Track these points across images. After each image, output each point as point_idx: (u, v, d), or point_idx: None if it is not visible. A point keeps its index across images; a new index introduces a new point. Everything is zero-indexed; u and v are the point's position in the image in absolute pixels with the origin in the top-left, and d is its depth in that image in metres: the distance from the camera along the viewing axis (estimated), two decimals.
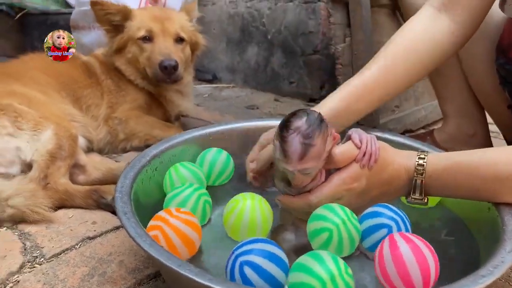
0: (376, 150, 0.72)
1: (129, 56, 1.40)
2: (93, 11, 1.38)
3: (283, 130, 0.67)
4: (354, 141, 0.74)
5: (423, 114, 1.81)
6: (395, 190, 0.76)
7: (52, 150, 1.02)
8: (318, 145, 0.67)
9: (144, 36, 1.37)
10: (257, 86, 2.44)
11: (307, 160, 0.67)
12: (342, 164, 0.73)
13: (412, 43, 0.90)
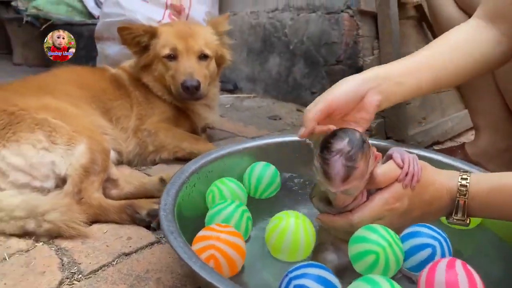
0: (418, 170, 0.72)
1: (155, 73, 1.43)
2: (120, 36, 1.39)
3: (324, 152, 0.66)
4: (395, 161, 0.73)
5: (450, 125, 1.79)
6: (436, 211, 0.75)
7: (86, 165, 1.02)
8: (361, 167, 0.66)
9: (168, 54, 1.39)
10: (278, 96, 2.44)
11: (350, 182, 0.66)
12: (384, 184, 0.72)
13: (457, 45, 0.87)
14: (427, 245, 0.69)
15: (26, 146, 1.01)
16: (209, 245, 0.65)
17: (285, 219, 0.72)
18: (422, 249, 0.69)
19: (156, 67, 1.42)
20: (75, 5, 2.80)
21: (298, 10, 2.24)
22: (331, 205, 0.74)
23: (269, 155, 0.99)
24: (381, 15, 1.39)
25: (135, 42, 1.41)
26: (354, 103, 0.80)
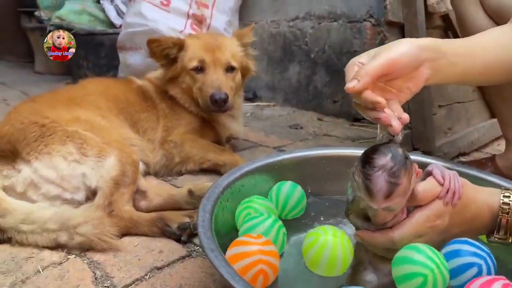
0: (459, 187, 0.71)
1: (183, 86, 1.43)
2: (149, 48, 1.40)
3: (366, 167, 0.65)
4: (436, 178, 0.72)
5: (475, 136, 1.76)
6: (476, 229, 0.74)
7: (116, 177, 1.03)
8: (404, 183, 0.65)
9: (196, 66, 1.40)
10: (298, 105, 2.43)
11: (392, 198, 0.65)
12: (425, 202, 0.71)
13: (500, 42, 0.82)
14: (472, 264, 0.68)
15: (58, 158, 1.02)
16: (255, 261, 0.65)
17: (324, 235, 0.71)
18: (468, 269, 0.68)
19: (183, 79, 1.43)
20: (97, 15, 2.84)
21: (319, 18, 2.24)
22: (369, 221, 0.73)
23: (300, 169, 0.98)
24: (408, 25, 1.38)
25: (163, 55, 1.42)
26: (411, 69, 0.73)
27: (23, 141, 1.02)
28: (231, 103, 1.38)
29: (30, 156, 1.01)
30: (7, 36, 4.12)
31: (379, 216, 0.69)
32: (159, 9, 2.22)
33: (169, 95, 1.45)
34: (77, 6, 2.82)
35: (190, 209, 1.09)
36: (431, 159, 0.99)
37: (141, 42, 2.18)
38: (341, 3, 2.12)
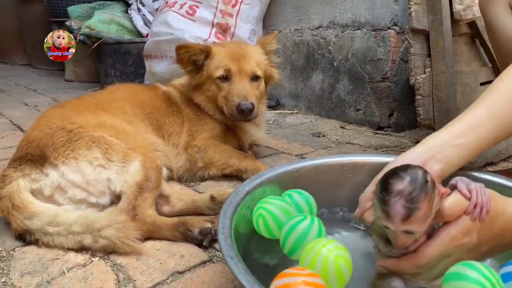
0: (487, 200, 0.68)
1: (208, 93, 1.45)
2: (177, 54, 1.41)
3: (384, 192, 0.64)
4: (462, 192, 0.69)
5: (504, 145, 1.71)
6: (507, 243, 0.71)
7: (140, 182, 1.05)
8: (424, 208, 0.63)
9: (222, 75, 1.41)
10: (321, 113, 2.42)
11: (411, 222, 0.63)
12: (452, 218, 0.68)
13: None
14: None
15: (84, 163, 1.05)
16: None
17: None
18: None
19: (208, 87, 1.44)
20: (125, 24, 2.91)
21: (343, 27, 2.23)
22: (391, 245, 0.71)
23: (319, 177, 0.98)
24: (434, 33, 1.36)
25: (190, 61, 1.43)
26: None
27: (51, 146, 1.05)
28: (256, 112, 1.39)
29: (57, 160, 1.04)
30: (39, 45, 4.26)
31: (400, 240, 0.67)
32: (184, 18, 2.27)
33: (194, 102, 1.47)
34: (106, 16, 2.90)
35: (211, 214, 1.10)
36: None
37: (166, 50, 2.23)
38: (365, 11, 2.11)
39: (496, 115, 0.81)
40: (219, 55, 1.43)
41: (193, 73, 1.46)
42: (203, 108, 1.47)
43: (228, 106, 1.40)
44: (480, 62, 1.68)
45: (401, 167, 0.66)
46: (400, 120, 2.09)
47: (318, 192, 0.96)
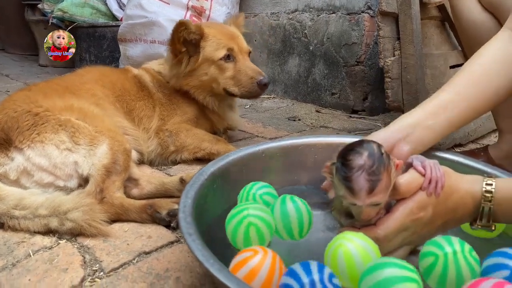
0: (441, 176, 0.70)
1: (204, 78, 1.43)
2: (175, 32, 1.37)
3: (345, 169, 0.66)
4: (417, 169, 0.71)
5: (472, 127, 1.75)
6: (460, 218, 0.73)
7: (108, 165, 1.05)
8: (384, 179, 0.65)
9: (225, 55, 1.40)
10: (297, 97, 2.43)
11: (375, 194, 0.65)
12: (408, 194, 0.70)
13: (493, 67, 0.86)
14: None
15: (50, 146, 1.04)
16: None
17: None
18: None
19: (205, 71, 1.42)
20: (99, 8, 2.85)
21: (318, 11, 2.24)
22: (352, 218, 0.73)
23: (286, 157, 0.99)
24: (402, 15, 1.37)
25: (185, 42, 1.39)
26: None
27: (16, 130, 1.04)
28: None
29: (23, 144, 1.03)
30: (11, 29, 4.16)
31: (365, 213, 0.68)
32: (158, 0, 2.23)
33: (166, 85, 1.46)
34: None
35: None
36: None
37: (141, 34, 2.21)
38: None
39: (465, 97, 0.84)
40: (214, 36, 1.42)
41: (184, 61, 1.42)
42: (192, 94, 1.45)
43: (244, 84, 1.41)
44: (450, 45, 1.71)
45: (356, 143, 0.68)
46: (374, 103, 2.12)
47: (284, 172, 0.98)
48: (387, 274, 0.56)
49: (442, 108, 0.83)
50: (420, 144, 0.82)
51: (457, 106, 0.83)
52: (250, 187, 0.86)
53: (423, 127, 0.82)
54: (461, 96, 0.83)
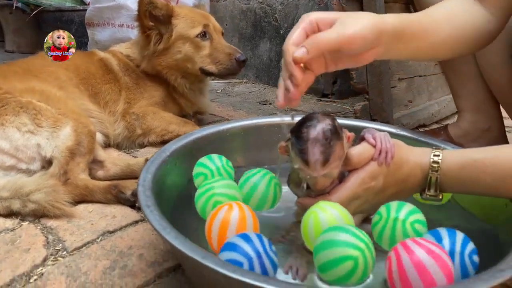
0: (391, 146, 0.73)
1: (178, 56, 1.42)
2: (140, 6, 1.35)
3: (300, 142, 0.68)
4: (368, 141, 0.75)
5: (436, 109, 1.81)
6: (410, 188, 0.77)
7: (72, 147, 1.04)
8: (337, 150, 0.68)
9: (201, 32, 1.40)
10: (269, 82, 2.45)
11: (329, 165, 0.68)
12: (359, 165, 0.73)
13: (452, 14, 0.86)
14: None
15: (11, 129, 1.02)
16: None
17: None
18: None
19: (179, 49, 1.41)
20: None
21: None
22: (309, 189, 0.76)
23: (252, 136, 1.00)
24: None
25: (152, 18, 1.37)
26: (365, 50, 0.75)
27: None
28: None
29: None
30: None
31: (320, 184, 0.71)
32: None
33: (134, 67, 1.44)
34: None
35: None
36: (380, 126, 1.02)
37: (109, 17, 2.17)
38: None
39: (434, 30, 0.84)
40: (186, 14, 1.41)
41: (153, 38, 1.40)
42: (164, 75, 1.44)
43: (222, 61, 1.41)
44: None
45: (309, 116, 0.70)
46: (343, 87, 2.15)
47: (249, 152, 1.00)
48: (333, 237, 0.59)
49: (424, 33, 0.82)
50: (390, 54, 0.81)
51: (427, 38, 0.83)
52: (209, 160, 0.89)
53: (404, 41, 0.80)
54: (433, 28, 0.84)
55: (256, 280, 0.48)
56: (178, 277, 0.78)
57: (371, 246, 0.60)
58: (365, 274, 0.59)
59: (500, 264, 0.53)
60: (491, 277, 0.51)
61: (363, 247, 0.58)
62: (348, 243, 0.58)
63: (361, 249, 0.58)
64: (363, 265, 0.58)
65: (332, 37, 0.68)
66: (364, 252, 0.58)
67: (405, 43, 0.81)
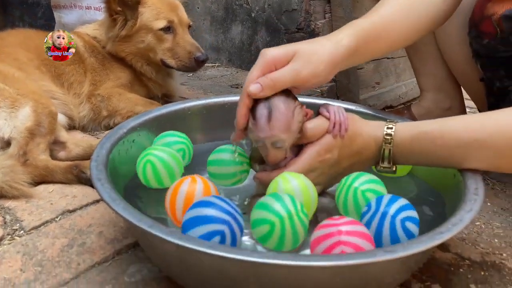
0: (345, 119, 0.75)
1: (141, 45, 1.40)
2: None
3: (254, 107, 0.71)
4: (323, 114, 0.76)
5: (403, 90, 1.84)
6: (365, 160, 0.78)
7: (31, 127, 1.02)
8: (283, 110, 0.69)
9: (165, 27, 1.38)
10: (241, 65, 2.44)
11: (274, 126, 0.69)
12: (315, 138, 0.75)
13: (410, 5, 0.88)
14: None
15: None
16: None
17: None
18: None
19: (143, 38, 1.39)
20: None
21: None
22: (264, 164, 0.78)
23: (213, 115, 1.00)
24: None
25: (121, 2, 1.35)
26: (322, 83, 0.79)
27: None
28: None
29: None
30: None
31: (271, 156, 0.72)
32: None
33: (101, 50, 1.42)
34: None
35: None
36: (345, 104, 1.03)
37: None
38: None
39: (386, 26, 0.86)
40: (153, 3, 1.38)
41: (119, 22, 1.38)
42: (128, 61, 1.42)
43: (181, 58, 1.40)
44: None
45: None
46: None
47: (210, 130, 1.00)
48: (265, 201, 0.63)
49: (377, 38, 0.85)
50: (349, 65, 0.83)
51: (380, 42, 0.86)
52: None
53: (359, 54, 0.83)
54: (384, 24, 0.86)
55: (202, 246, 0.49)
56: (138, 253, 0.78)
57: (299, 217, 0.61)
58: (281, 240, 0.61)
59: (440, 227, 0.55)
60: (430, 239, 0.53)
61: (284, 215, 0.60)
62: (271, 209, 0.61)
63: (280, 217, 0.60)
64: (279, 232, 0.60)
65: (287, 79, 0.72)
66: (283, 220, 0.60)
67: (362, 54, 0.84)
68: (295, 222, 0.61)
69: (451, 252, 0.81)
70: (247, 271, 0.50)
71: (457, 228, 0.55)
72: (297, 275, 0.50)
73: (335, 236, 0.57)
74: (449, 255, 0.81)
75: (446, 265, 0.78)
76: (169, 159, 0.81)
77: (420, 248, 0.51)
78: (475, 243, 0.85)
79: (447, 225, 0.56)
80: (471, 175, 0.69)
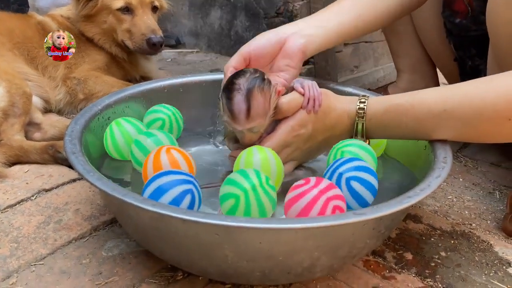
0: (319, 94, 0.76)
1: (104, 26, 1.38)
2: None
3: (227, 90, 0.71)
4: (297, 90, 0.77)
5: (382, 74, 1.86)
6: (339, 135, 0.80)
7: (5, 108, 1.01)
8: (261, 102, 0.70)
9: (123, 7, 1.35)
10: (221, 51, 2.43)
11: (253, 118, 0.70)
12: (289, 113, 0.76)
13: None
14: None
15: None
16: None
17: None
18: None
19: (104, 19, 1.37)
20: None
21: None
22: (238, 143, 0.79)
23: (189, 93, 1.01)
24: None
25: None
26: (274, 49, 0.83)
27: None
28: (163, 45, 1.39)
29: None
30: None
31: (246, 138, 0.74)
32: None
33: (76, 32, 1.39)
34: None
35: None
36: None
37: None
38: None
39: (359, 5, 0.90)
40: None
41: (83, 2, 1.36)
42: (96, 42, 1.40)
43: (136, 40, 1.36)
44: None
45: (240, 71, 0.74)
46: None
47: (187, 109, 1.00)
48: (232, 176, 0.64)
49: (336, 13, 0.89)
50: (311, 40, 0.84)
51: (349, 13, 0.89)
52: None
53: (315, 26, 0.86)
54: (356, 5, 0.90)
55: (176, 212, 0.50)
56: (115, 229, 0.78)
57: (264, 188, 0.62)
58: (247, 213, 0.61)
59: (408, 192, 0.57)
60: (398, 203, 0.54)
61: (247, 187, 0.61)
62: (235, 183, 0.62)
63: (244, 189, 0.61)
64: (244, 204, 0.61)
65: (236, 56, 0.84)
66: (247, 192, 0.61)
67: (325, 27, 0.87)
68: (259, 194, 0.61)
69: (423, 223, 0.84)
70: (221, 236, 0.51)
71: (425, 193, 0.57)
72: (270, 238, 0.51)
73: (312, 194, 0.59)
74: (421, 226, 0.83)
75: (418, 235, 0.80)
76: (129, 127, 0.82)
77: (388, 211, 0.53)
78: (447, 214, 0.88)
79: (415, 190, 0.57)
80: (440, 145, 0.71)
